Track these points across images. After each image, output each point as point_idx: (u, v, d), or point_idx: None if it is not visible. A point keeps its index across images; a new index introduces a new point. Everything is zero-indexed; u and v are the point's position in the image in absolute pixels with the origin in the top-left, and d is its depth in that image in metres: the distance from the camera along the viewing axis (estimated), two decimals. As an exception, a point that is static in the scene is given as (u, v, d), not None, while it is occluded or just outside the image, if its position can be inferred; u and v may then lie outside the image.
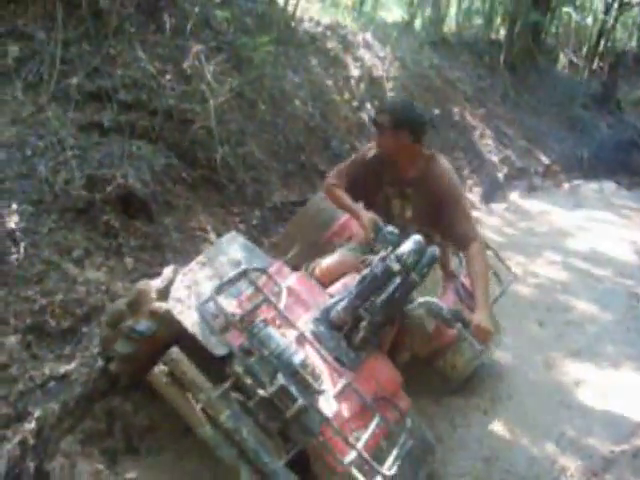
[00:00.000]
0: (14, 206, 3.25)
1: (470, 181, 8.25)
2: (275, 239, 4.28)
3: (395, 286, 2.46)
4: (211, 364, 2.30)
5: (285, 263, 2.94)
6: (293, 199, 5.19)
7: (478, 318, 2.64)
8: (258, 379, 2.15)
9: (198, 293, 2.52)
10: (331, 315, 2.57)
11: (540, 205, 8.46)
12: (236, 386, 2.20)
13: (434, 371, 3.47)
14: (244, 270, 2.43)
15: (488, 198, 8.21)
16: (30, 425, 2.56)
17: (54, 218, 3.37)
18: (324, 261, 3.09)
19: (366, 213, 3.01)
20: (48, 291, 3.03)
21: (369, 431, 2.28)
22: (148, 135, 4.23)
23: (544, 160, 10.25)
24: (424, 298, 2.61)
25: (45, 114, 3.81)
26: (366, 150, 3.26)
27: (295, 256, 3.50)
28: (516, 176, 9.31)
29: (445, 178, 3.02)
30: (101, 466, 2.52)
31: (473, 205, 7.56)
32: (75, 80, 4.05)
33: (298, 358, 2.18)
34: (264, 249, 3.73)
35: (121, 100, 4.22)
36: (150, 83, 4.43)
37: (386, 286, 2.48)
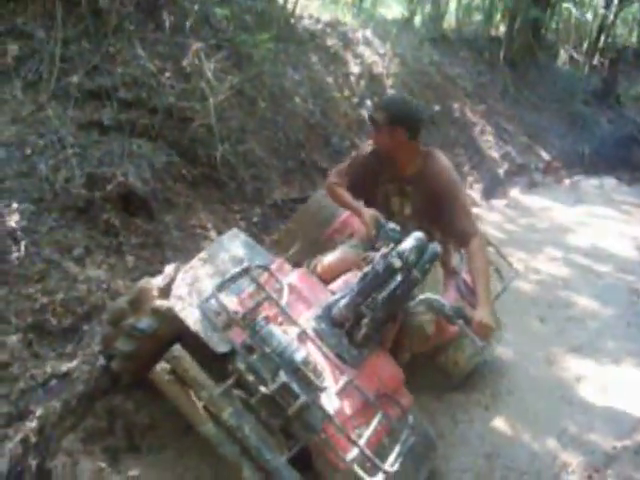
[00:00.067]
0: (14, 205, 3.25)
1: (471, 177, 8.25)
2: (276, 236, 4.27)
3: (397, 283, 2.46)
4: (213, 362, 2.30)
5: (286, 260, 2.94)
6: (293, 196, 5.19)
7: (479, 315, 2.64)
8: (260, 376, 2.16)
9: (200, 290, 2.52)
10: (333, 312, 2.57)
11: (541, 201, 8.45)
12: (238, 383, 2.21)
13: (436, 367, 3.47)
14: (246, 267, 2.43)
15: (489, 194, 8.21)
16: (32, 423, 2.56)
17: (54, 217, 3.37)
18: (325, 258, 3.09)
19: (367, 210, 3.00)
20: (49, 290, 3.03)
21: (371, 428, 2.29)
22: (148, 133, 4.23)
23: (544, 156, 10.23)
24: (425, 295, 2.61)
25: (45, 113, 3.81)
26: (365, 148, 3.26)
27: (296, 253, 3.50)
28: (517, 172, 9.30)
29: (444, 175, 3.01)
30: (103, 464, 2.52)
31: (474, 201, 7.56)
32: (75, 78, 4.05)
33: (300, 355, 2.19)
34: (265, 246, 3.74)
35: (121, 98, 4.21)
36: (150, 81, 4.42)
37: (388, 283, 2.47)
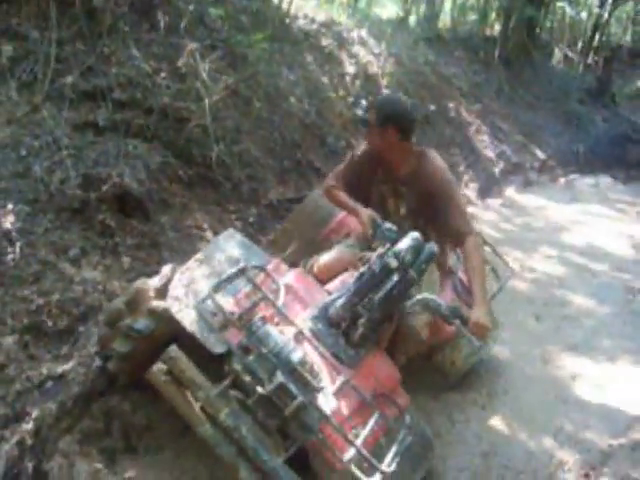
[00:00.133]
0: (10, 206, 3.24)
1: (466, 177, 8.26)
2: (272, 236, 4.27)
3: (393, 283, 2.46)
4: (210, 362, 2.30)
5: (283, 260, 2.94)
6: (289, 196, 5.18)
7: (476, 315, 2.64)
8: (257, 377, 2.15)
9: (196, 291, 2.52)
10: (329, 312, 2.57)
11: (536, 200, 8.47)
12: (235, 384, 2.21)
13: (432, 367, 3.48)
14: (242, 268, 2.43)
15: (484, 193, 8.22)
16: (28, 425, 2.56)
17: (50, 218, 3.36)
18: (322, 257, 3.09)
19: (365, 210, 3.01)
20: (45, 291, 3.03)
21: (368, 428, 2.29)
22: (143, 134, 4.23)
23: (540, 155, 10.25)
24: (422, 295, 2.61)
25: (40, 114, 3.80)
26: (360, 149, 3.26)
27: (293, 253, 3.50)
28: (512, 171, 9.32)
29: (437, 174, 3.01)
30: (99, 465, 2.51)
31: (469, 201, 7.57)
32: (70, 79, 4.04)
33: (297, 356, 2.19)
34: (261, 246, 3.73)
35: (116, 99, 4.21)
36: (145, 82, 4.41)
37: (384, 283, 2.47)
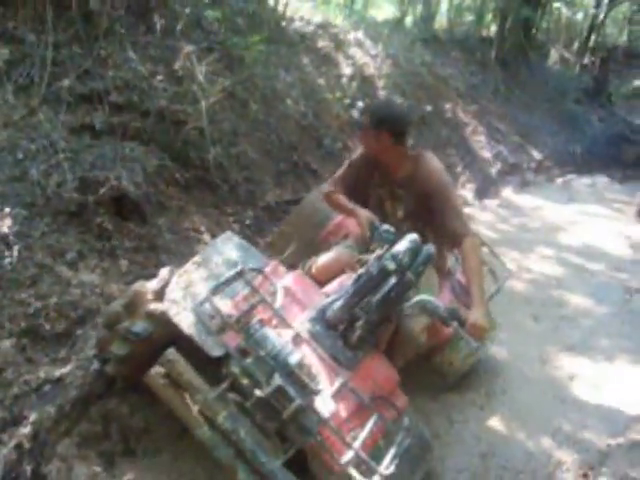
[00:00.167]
0: (7, 209, 3.23)
1: (463, 177, 8.27)
2: (270, 238, 4.27)
3: (391, 285, 2.45)
4: (208, 365, 2.30)
5: (281, 263, 2.93)
6: (287, 198, 5.19)
7: (474, 316, 2.64)
8: (255, 379, 2.15)
9: (194, 294, 2.51)
10: (327, 314, 2.57)
11: (533, 200, 8.48)
12: (233, 387, 2.20)
13: (431, 368, 3.48)
14: (240, 270, 2.43)
15: (481, 194, 8.23)
16: (26, 429, 2.55)
17: (47, 221, 3.36)
18: (320, 258, 3.09)
19: (363, 212, 3.02)
20: (42, 294, 3.02)
21: (366, 430, 2.29)
22: (140, 136, 4.23)
23: (536, 155, 10.28)
24: (420, 297, 2.61)
25: (36, 117, 3.80)
26: (356, 153, 3.28)
27: (291, 255, 3.50)
28: (509, 172, 9.34)
29: (433, 177, 3.02)
30: (98, 469, 2.51)
31: (466, 201, 7.59)
32: (66, 82, 4.04)
33: (295, 358, 2.18)
34: (259, 249, 3.74)
35: (113, 102, 4.21)
36: (141, 84, 4.42)
37: (382, 285, 2.47)
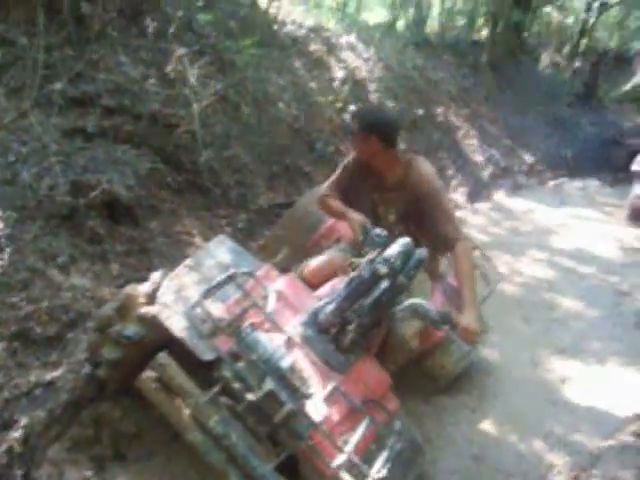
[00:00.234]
0: (-2, 213, 3.23)
1: (455, 181, 8.29)
2: (263, 242, 4.27)
3: (383, 289, 2.46)
4: (199, 369, 2.29)
5: (273, 266, 2.93)
6: (279, 201, 5.19)
7: (465, 320, 2.65)
8: (246, 384, 2.15)
9: (186, 298, 2.51)
10: (319, 318, 2.57)
11: (525, 204, 8.51)
12: (224, 391, 2.20)
13: (422, 371, 3.49)
14: (232, 274, 2.42)
15: (473, 197, 8.25)
16: (17, 433, 2.54)
17: (39, 224, 3.34)
18: (313, 261, 3.10)
19: (355, 215, 3.02)
20: (33, 298, 3.00)
21: (358, 434, 2.29)
22: (132, 140, 4.22)
23: (528, 159, 10.31)
24: (412, 300, 2.61)
25: (28, 120, 3.78)
26: (350, 157, 3.29)
27: (283, 259, 3.50)
28: (501, 175, 9.36)
29: (424, 181, 3.03)
30: (89, 473, 2.51)
31: (458, 205, 7.61)
32: (58, 85, 4.02)
33: (286, 362, 2.19)
34: (252, 252, 3.73)
35: (104, 105, 4.20)
36: (133, 87, 4.41)
37: (374, 289, 2.47)
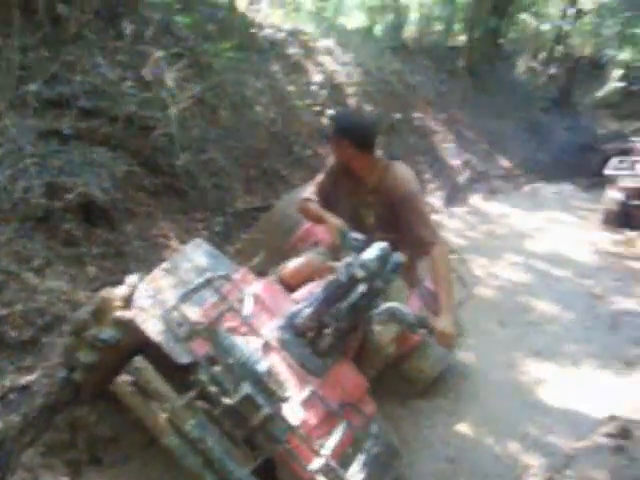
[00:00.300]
0: (-28, 215, 3.20)
1: (432, 185, 8.35)
2: (240, 245, 4.26)
3: (360, 293, 2.47)
4: (176, 373, 2.28)
5: (250, 269, 2.93)
6: (256, 205, 5.19)
7: (442, 324, 2.66)
8: (223, 387, 2.14)
9: (162, 301, 2.50)
10: (296, 322, 2.57)
11: (501, 207, 8.60)
12: (201, 395, 2.19)
13: (399, 375, 3.49)
14: (209, 278, 2.42)
15: (449, 201, 8.32)
16: (-9, 439, 2.52)
17: (13, 227, 3.31)
18: (290, 264, 3.10)
19: (333, 219, 3.00)
20: (8, 301, 2.98)
21: (335, 438, 2.30)
22: (108, 142, 4.19)
23: (504, 163, 10.42)
24: (389, 304, 2.62)
25: (3, 122, 3.74)
26: (330, 161, 3.29)
27: (261, 262, 3.49)
28: (477, 179, 9.44)
29: (400, 185, 3.04)
30: (65, 478, 2.49)
31: (434, 209, 7.65)
32: (33, 87, 3.99)
33: (263, 366, 2.18)
34: (229, 256, 3.73)
35: (81, 107, 4.17)
36: (110, 90, 4.39)
37: (351, 293, 2.48)
